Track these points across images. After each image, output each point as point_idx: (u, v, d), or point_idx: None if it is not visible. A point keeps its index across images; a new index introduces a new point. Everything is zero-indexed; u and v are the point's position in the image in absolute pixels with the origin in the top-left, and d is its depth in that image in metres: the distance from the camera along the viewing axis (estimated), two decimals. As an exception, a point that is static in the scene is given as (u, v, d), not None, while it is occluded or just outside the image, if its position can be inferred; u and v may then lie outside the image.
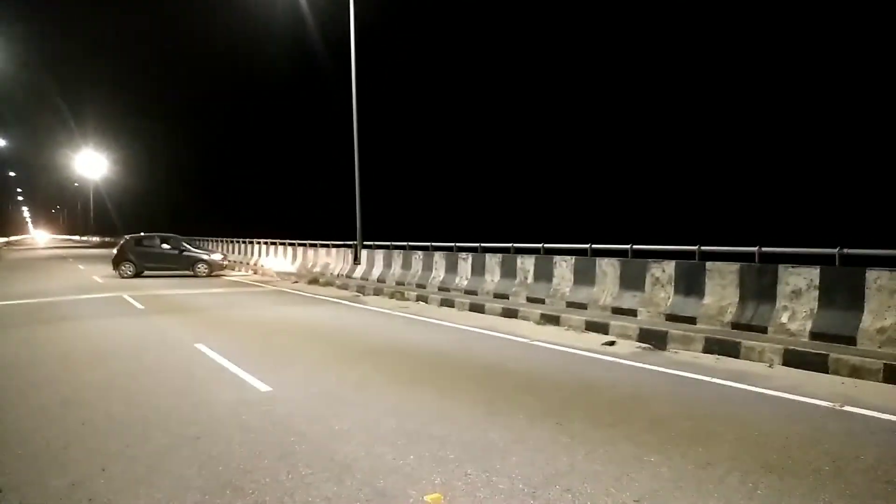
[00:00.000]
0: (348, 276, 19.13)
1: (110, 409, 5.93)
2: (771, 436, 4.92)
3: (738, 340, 8.00)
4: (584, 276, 11.40)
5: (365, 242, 19.07)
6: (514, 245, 13.18)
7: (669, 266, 9.90)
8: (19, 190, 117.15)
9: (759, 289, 8.59)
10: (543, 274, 12.28)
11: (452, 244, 14.98)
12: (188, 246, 23.02)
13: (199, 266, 22.20)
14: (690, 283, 9.55)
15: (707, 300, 9.27)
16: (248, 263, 27.58)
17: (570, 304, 11.41)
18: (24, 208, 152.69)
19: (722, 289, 9.10)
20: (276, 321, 11.70)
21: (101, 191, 74.04)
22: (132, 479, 4.20)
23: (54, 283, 20.39)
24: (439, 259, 15.30)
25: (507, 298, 12.84)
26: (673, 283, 9.82)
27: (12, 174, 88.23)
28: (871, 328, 7.26)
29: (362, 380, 6.92)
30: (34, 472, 4.36)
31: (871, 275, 7.40)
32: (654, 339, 8.95)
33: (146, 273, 22.27)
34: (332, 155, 23.33)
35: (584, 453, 4.55)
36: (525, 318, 11.34)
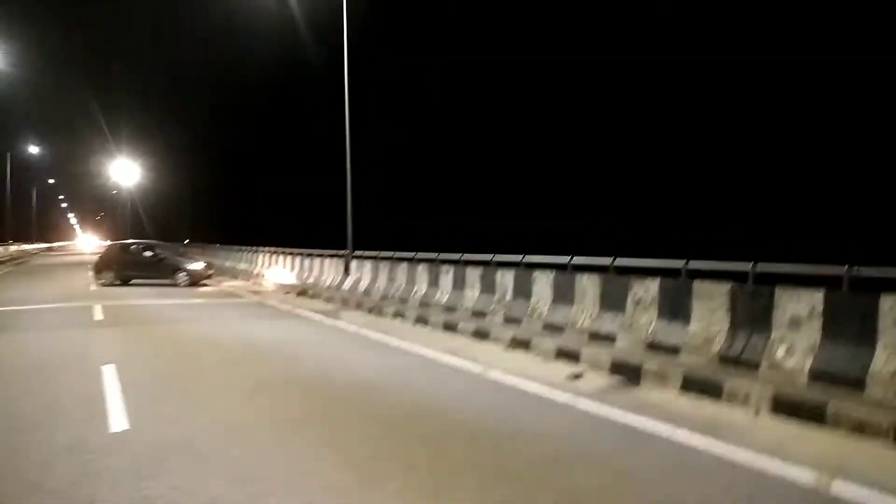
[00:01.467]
0: (337, 288, 18.03)
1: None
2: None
3: (719, 380, 6.54)
4: (563, 294, 10.02)
5: (357, 252, 17.97)
6: (496, 257, 11.87)
7: (654, 285, 8.45)
8: (62, 197, 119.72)
9: (753, 315, 7.10)
10: (522, 290, 10.93)
11: (436, 255, 13.73)
12: (169, 255, 22.41)
13: (179, 275, 21.43)
14: (676, 306, 8.08)
15: (693, 327, 7.80)
16: (251, 272, 26.81)
17: (547, 326, 10.03)
18: (71, 215, 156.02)
19: (710, 313, 7.62)
20: (221, 339, 10.61)
21: (136, 198, 75.05)
22: None
23: (46, 290, 19.91)
24: (422, 271, 14.06)
25: (485, 317, 11.51)
26: (657, 305, 8.37)
27: (52, 181, 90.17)
28: (883, 370, 5.74)
29: (243, 420, 5.75)
30: None
31: (886, 302, 5.88)
32: (627, 372, 7.53)
33: (136, 281, 21.60)
34: (331, 161, 22.33)
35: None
36: (496, 340, 10.01)
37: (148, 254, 22.20)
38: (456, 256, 13.02)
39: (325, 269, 19.65)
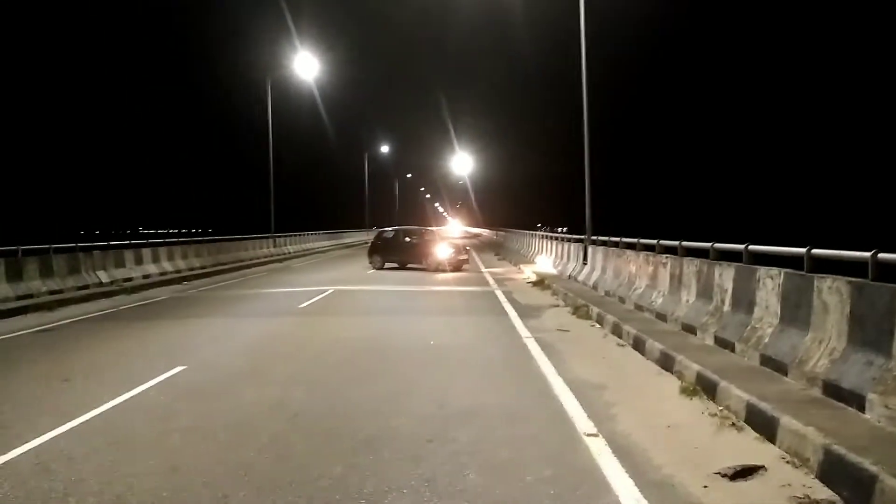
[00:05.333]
0: (573, 279, 15.29)
1: None
2: None
3: None
4: (794, 310, 5.91)
5: (596, 237, 14.96)
6: (716, 245, 7.95)
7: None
8: (423, 189, 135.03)
9: None
10: (743, 298, 6.96)
11: (655, 241, 10.15)
12: (423, 241, 22.20)
13: (427, 260, 21.17)
14: None
15: None
16: (526, 257, 25.40)
17: (765, 360, 6.06)
18: (437, 204, 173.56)
19: None
20: (365, 340, 9.18)
21: (472, 187, 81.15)
22: None
23: (328, 274, 21.54)
24: (643, 263, 10.58)
25: (695, 333, 7.80)
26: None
27: (410, 175, 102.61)
28: None
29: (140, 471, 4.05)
30: None
31: None
32: (850, 486, 3.68)
33: (392, 265, 22.05)
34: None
35: None
36: (679, 374, 6.48)
37: (407, 239, 22.55)
38: (674, 243, 9.30)
39: (571, 257, 17.02)
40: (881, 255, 4.85)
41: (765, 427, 4.71)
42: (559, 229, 36.57)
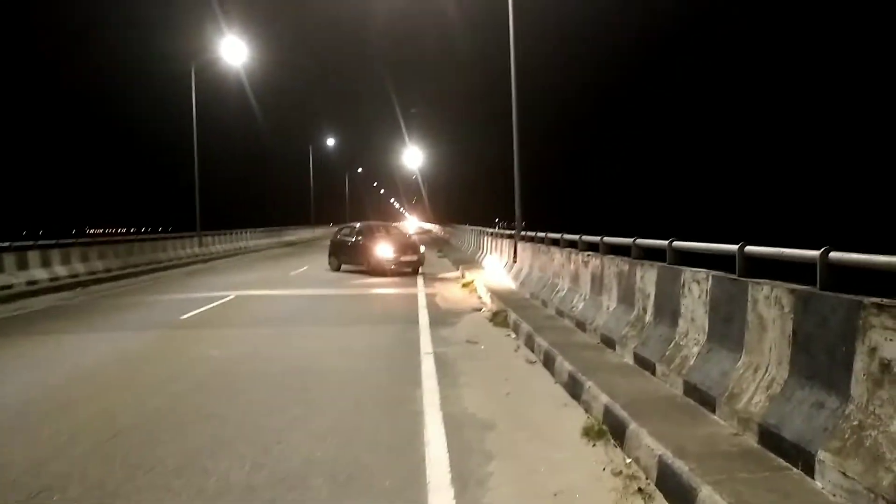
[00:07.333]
0: (504, 277, 13.97)
1: None
2: None
3: None
4: (724, 323, 4.62)
5: (526, 233, 13.63)
6: (637, 241, 6.65)
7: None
8: (376, 184, 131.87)
9: None
10: (667, 305, 5.67)
11: (577, 236, 8.84)
12: (368, 240, 20.11)
13: (366, 262, 19.26)
14: None
15: None
16: (475, 261, 24.00)
17: (690, 389, 4.76)
18: (392, 199, 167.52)
19: None
20: (230, 360, 7.62)
21: (423, 181, 79.41)
22: None
23: (254, 275, 19.74)
24: (566, 263, 9.27)
25: (613, 347, 6.50)
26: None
27: (360, 169, 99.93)
28: None
29: None
30: None
31: None
32: None
33: (346, 267, 20.24)
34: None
35: None
36: (587, 407, 5.15)
37: (352, 239, 20.56)
38: (595, 239, 8.00)
39: (505, 253, 15.67)
40: (833, 255, 3.56)
41: (680, 497, 3.37)
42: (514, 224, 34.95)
